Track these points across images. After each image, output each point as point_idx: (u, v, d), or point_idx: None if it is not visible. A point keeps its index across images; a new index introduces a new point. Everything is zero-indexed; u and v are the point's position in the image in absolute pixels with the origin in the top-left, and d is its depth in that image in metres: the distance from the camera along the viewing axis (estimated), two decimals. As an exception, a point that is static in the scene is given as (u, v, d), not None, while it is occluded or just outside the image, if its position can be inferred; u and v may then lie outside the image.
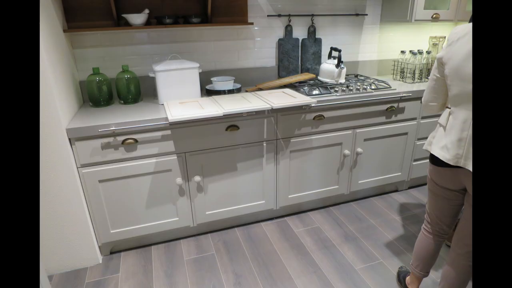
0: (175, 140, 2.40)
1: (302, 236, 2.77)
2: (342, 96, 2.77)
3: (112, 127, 2.22)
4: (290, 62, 3.23)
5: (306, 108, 2.65)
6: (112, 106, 2.64)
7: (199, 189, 2.60)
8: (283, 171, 2.81)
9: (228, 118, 2.47)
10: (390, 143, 3.11)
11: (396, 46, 3.63)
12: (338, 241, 2.70)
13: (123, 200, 2.46)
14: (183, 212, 2.63)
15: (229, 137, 2.52)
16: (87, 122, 2.23)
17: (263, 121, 2.58)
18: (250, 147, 2.62)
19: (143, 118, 2.27)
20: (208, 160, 2.53)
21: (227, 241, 2.73)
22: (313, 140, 2.79)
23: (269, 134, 2.63)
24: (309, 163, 2.87)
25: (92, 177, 2.32)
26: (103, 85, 2.59)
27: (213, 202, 2.70)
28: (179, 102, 2.51)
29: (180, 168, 2.48)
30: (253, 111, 2.47)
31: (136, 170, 2.39)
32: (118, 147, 2.29)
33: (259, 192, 2.80)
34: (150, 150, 2.37)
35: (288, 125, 2.66)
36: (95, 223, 2.46)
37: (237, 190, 2.73)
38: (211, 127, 2.46)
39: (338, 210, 3.14)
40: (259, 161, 2.69)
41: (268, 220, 3.00)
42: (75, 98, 2.51)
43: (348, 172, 3.05)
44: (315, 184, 2.98)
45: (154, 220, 2.59)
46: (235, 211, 2.79)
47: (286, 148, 2.73)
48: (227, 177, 2.64)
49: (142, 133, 2.31)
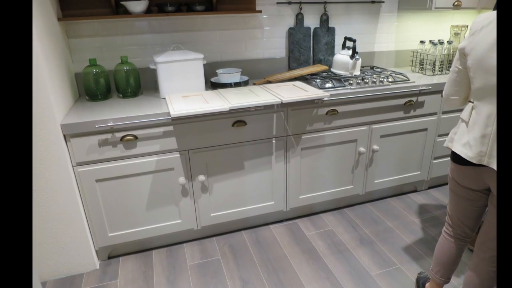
0: (178, 136, 2.39)
1: (314, 239, 2.76)
2: (357, 90, 2.75)
3: (110, 122, 2.20)
4: (301, 53, 3.22)
5: (319, 102, 2.63)
6: (110, 100, 2.63)
7: (203, 189, 2.59)
8: (294, 170, 2.79)
9: (234, 113, 2.45)
10: (409, 139, 3.09)
11: (415, 36, 3.61)
12: (353, 245, 2.69)
13: (122, 201, 2.44)
14: (186, 214, 2.62)
15: (236, 134, 2.51)
16: (83, 117, 2.22)
17: (272, 116, 2.56)
18: (258, 144, 2.60)
19: (143, 113, 2.26)
20: (213, 158, 2.52)
21: (233, 245, 2.72)
22: (325, 137, 2.77)
23: (279, 130, 2.62)
24: (321, 162, 2.86)
25: (88, 176, 2.30)
26: (101, 78, 2.58)
27: (219, 203, 2.68)
28: (182, 96, 2.50)
29: (183, 167, 2.47)
30: (262, 106, 2.45)
31: (135, 169, 2.38)
32: (117, 144, 2.28)
33: (267, 193, 2.79)
34: (150, 147, 2.36)
35: (299, 121, 2.65)
36: (92, 225, 2.45)
37: (244, 190, 2.72)
38: (217, 122, 2.44)
39: (353, 211, 3.13)
40: (267, 159, 2.68)
41: (278, 222, 2.99)
42: (70, 92, 2.51)
43: (363, 171, 3.04)
44: (328, 184, 2.97)
45: (155, 223, 2.58)
46: (242, 213, 2.77)
47: (296, 145, 2.71)
48: (233, 176, 2.63)
49: (142, 129, 2.30)
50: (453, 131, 1.80)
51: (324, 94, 2.49)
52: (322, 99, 2.61)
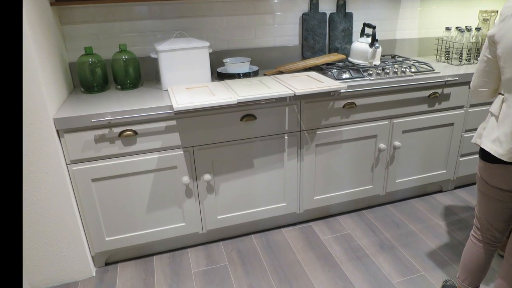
0: (181, 132, 2.39)
1: (330, 244, 2.76)
2: (377, 81, 2.74)
3: (108, 116, 2.20)
4: (316, 40, 3.20)
5: (335, 94, 2.62)
6: (108, 92, 2.64)
7: (209, 190, 2.59)
8: (308, 169, 2.78)
9: (243, 106, 2.45)
10: (433, 135, 3.07)
11: (440, 22, 3.61)
12: (372, 251, 2.69)
13: (120, 203, 2.44)
14: (191, 216, 2.62)
15: (245, 129, 2.50)
16: (78, 110, 2.22)
17: (284, 109, 2.55)
18: (269, 140, 2.60)
19: (143, 106, 2.25)
20: (219, 156, 2.52)
21: (242, 250, 2.73)
22: (343, 132, 2.76)
23: (291, 125, 2.61)
24: (338, 159, 2.85)
25: (84, 175, 2.30)
26: (97, 68, 2.58)
27: (226, 205, 2.68)
28: (186, 88, 2.51)
29: (187, 165, 2.47)
30: (273, 98, 2.45)
31: (135, 167, 2.37)
32: (115, 140, 2.28)
33: (279, 193, 2.78)
34: (152, 143, 2.35)
35: (314, 115, 2.64)
36: (88, 229, 2.45)
37: (254, 190, 2.71)
38: (224, 116, 2.44)
39: (372, 214, 3.13)
40: (279, 157, 2.67)
41: (290, 225, 2.99)
42: (64, 83, 2.51)
43: (383, 169, 3.02)
44: (345, 184, 2.96)
45: (156, 226, 2.58)
46: (251, 215, 2.77)
47: (311, 142, 2.70)
48: (242, 175, 2.63)
49: (142, 123, 2.29)
50: (482, 126, 1.79)
51: (341, 86, 2.48)
52: (339, 91, 2.61)
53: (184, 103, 2.17)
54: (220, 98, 2.25)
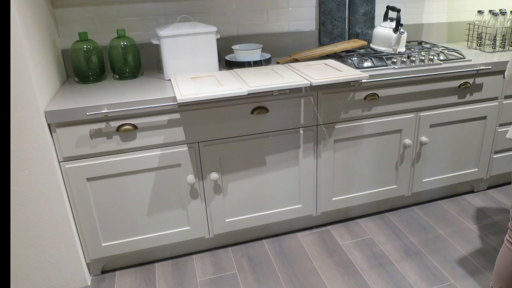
0: (186, 126, 2.39)
1: (350, 250, 2.77)
2: (401, 69, 2.74)
3: (104, 109, 2.20)
4: (334, 25, 3.20)
5: (355, 84, 2.62)
6: (104, 82, 2.65)
7: (216, 190, 2.59)
8: (326, 167, 2.78)
9: (254, 97, 2.45)
10: (464, 130, 3.07)
11: (472, 5, 3.60)
12: (397, 257, 2.69)
13: (118, 204, 2.45)
14: (196, 219, 2.62)
15: (256, 123, 2.51)
16: (72, 102, 2.22)
17: (300, 101, 2.55)
18: (282, 135, 2.60)
19: (144, 98, 2.26)
20: (228, 152, 2.52)
21: (252, 257, 2.73)
22: (364, 126, 2.76)
23: (307, 119, 2.61)
24: (359, 156, 2.85)
25: (78, 174, 2.30)
26: (93, 55, 2.58)
27: (235, 207, 2.69)
28: (191, 77, 2.51)
29: (192, 163, 2.47)
30: (287, 89, 2.44)
31: (135, 165, 2.37)
32: (112, 135, 2.28)
33: (294, 194, 2.78)
34: (153, 139, 2.36)
35: (332, 107, 2.63)
36: (82, 233, 2.45)
37: (266, 191, 2.71)
38: (232, 109, 2.43)
39: (397, 216, 3.12)
40: (294, 154, 2.67)
41: (306, 229, 3.00)
42: (56, 72, 2.51)
43: (409, 167, 3.02)
44: (367, 184, 2.96)
45: (158, 230, 2.59)
46: (263, 218, 2.78)
47: (329, 137, 2.70)
48: (253, 174, 2.63)
49: (142, 117, 2.29)
50: None
51: (362, 75, 2.47)
52: (360, 81, 2.60)
53: (189, 94, 2.18)
54: (228, 89, 2.25)
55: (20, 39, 1.98)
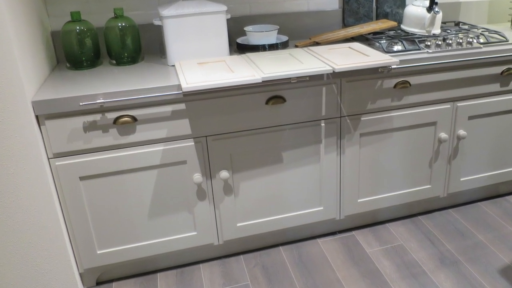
0: (192, 118, 2.38)
1: (378, 258, 2.76)
2: (436, 54, 2.70)
3: (100, 98, 2.18)
4: (360, 4, 3.20)
5: (384, 71, 2.59)
6: (100, 68, 2.64)
7: (227, 190, 2.59)
8: (350, 164, 2.77)
9: (269, 85, 2.43)
10: (508, 122, 3.05)
11: None
12: (431, 266, 2.67)
13: (115, 207, 2.45)
14: (204, 223, 2.62)
15: (271, 114, 2.50)
16: (63, 91, 2.21)
17: (321, 90, 2.53)
18: (301, 129, 2.58)
19: (144, 86, 2.24)
20: (240, 148, 2.51)
21: (267, 266, 2.74)
22: (393, 118, 2.74)
23: (330, 109, 2.60)
24: (387, 152, 2.83)
25: (70, 172, 2.29)
26: (86, 38, 2.59)
27: (248, 210, 2.69)
28: (198, 63, 2.51)
29: (199, 159, 2.47)
30: (306, 76, 2.42)
31: (134, 162, 2.37)
32: (109, 128, 2.27)
33: (315, 195, 2.78)
34: (155, 132, 2.35)
35: (357, 96, 2.62)
36: (75, 240, 2.45)
37: (283, 191, 2.71)
38: (245, 99, 2.42)
39: (431, 220, 3.11)
40: (314, 149, 2.66)
41: (329, 235, 3.00)
42: (45, 57, 2.51)
43: (445, 165, 3.00)
44: (397, 183, 2.94)
45: (160, 236, 2.59)
46: (279, 223, 2.77)
47: (354, 130, 2.69)
48: (268, 172, 2.62)
49: (143, 107, 2.29)
50: None
51: (392, 60, 2.46)
52: (389, 66, 2.58)
53: (196, 82, 2.17)
54: (240, 76, 2.24)
55: (4, 19, 1.96)
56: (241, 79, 2.21)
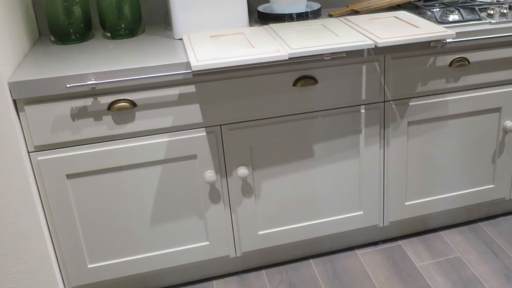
0: (204, 103, 2.34)
1: (430, 273, 2.72)
2: (501, 25, 2.63)
3: (92, 79, 2.14)
4: None
5: (437, 45, 2.53)
6: (91, 42, 2.63)
7: (246, 191, 2.55)
8: (396, 159, 2.73)
9: (297, 63, 2.37)
10: None
11: None
12: (495, 284, 2.63)
13: (110, 211, 2.42)
14: (218, 231, 2.60)
15: (300, 98, 2.45)
16: (46, 70, 2.18)
17: (360, 69, 2.49)
18: (336, 116, 2.55)
19: (145, 64, 2.20)
20: (262, 139, 2.48)
21: (295, 283, 2.72)
22: (448, 103, 2.69)
23: (371, 93, 2.55)
24: (441, 145, 2.79)
25: (55, 169, 2.26)
26: (75, 5, 2.55)
27: (271, 215, 2.66)
28: (211, 36, 2.47)
29: (213, 153, 2.44)
30: (343, 52, 2.34)
31: (133, 157, 2.34)
32: (102, 115, 2.23)
33: (353, 197, 2.75)
34: (158, 121, 2.32)
35: (405, 77, 2.57)
36: (61, 251, 2.41)
37: (314, 192, 2.67)
38: (268, 79, 2.38)
39: (494, 227, 3.07)
40: (352, 141, 2.63)
41: (370, 245, 2.97)
42: (24, 29, 2.50)
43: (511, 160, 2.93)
44: (453, 182, 2.89)
45: (165, 247, 2.57)
46: (310, 230, 2.74)
47: (401, 118, 2.65)
48: (295, 169, 2.59)
49: (144, 90, 2.25)
50: None
51: (447, 33, 2.40)
52: (443, 40, 2.52)
53: (208, 59, 2.13)
54: (262, 52, 2.19)
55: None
56: (263, 55, 2.18)
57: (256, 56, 2.17)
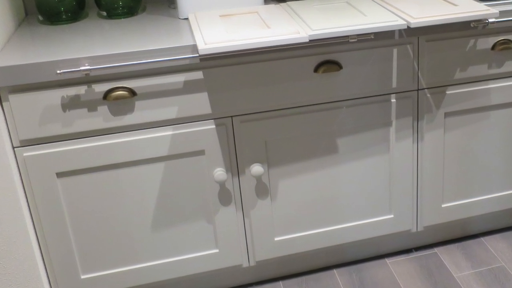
0: (213, 91, 2.32)
1: (470, 284, 2.71)
2: None
3: (85, 65, 2.11)
4: None
5: (479, 26, 2.49)
6: (85, 22, 2.62)
7: (261, 191, 2.53)
8: (431, 155, 2.70)
9: (319, 46, 2.34)
10: None
11: None
12: None
13: (106, 215, 2.40)
14: (229, 237, 2.57)
15: (322, 86, 2.42)
16: (33, 55, 2.17)
17: (391, 52, 2.46)
18: (363, 106, 2.52)
19: (146, 48, 2.19)
20: (278, 132, 2.46)
21: None
22: (491, 91, 2.65)
23: (403, 80, 2.52)
24: (483, 139, 2.75)
25: (43, 167, 2.23)
26: None
27: (289, 218, 2.63)
28: (220, 15, 2.46)
29: (223, 149, 2.42)
30: (371, 33, 2.31)
31: (132, 153, 2.32)
32: (97, 105, 2.21)
33: (382, 198, 2.73)
34: (161, 112, 2.30)
35: (442, 62, 2.54)
36: (50, 260, 2.38)
37: (338, 193, 2.65)
38: (285, 65, 2.35)
39: None
40: (382, 135, 2.60)
41: (401, 253, 2.95)
42: (9, 8, 2.49)
43: None
44: (496, 182, 2.85)
45: (169, 255, 2.54)
46: (333, 236, 2.72)
47: (437, 108, 2.61)
48: (316, 166, 2.56)
49: (144, 77, 2.23)
50: None
51: (489, 12, 2.36)
52: (485, 20, 2.47)
53: (217, 42, 2.11)
54: (279, 33, 2.17)
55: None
56: (280, 37, 2.15)
57: (272, 38, 2.14)
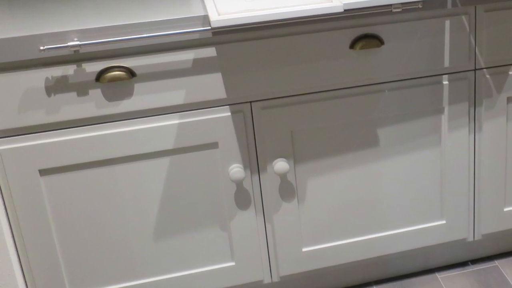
0: (227, 72, 2.27)
1: None
2: None
3: (74, 39, 2.05)
4: None
5: None
6: None
7: (285, 193, 2.47)
8: (492, 148, 2.64)
9: (355, 18, 2.29)
10: None
11: None
12: None
13: (100, 220, 2.35)
14: (247, 248, 2.52)
15: (359, 65, 2.37)
16: (12, 28, 2.17)
17: (442, 25, 2.42)
18: (409, 89, 2.47)
19: (148, 19, 2.15)
20: (307, 121, 2.41)
21: None
22: None
23: (456, 58, 2.47)
24: None
25: (23, 162, 2.20)
26: None
27: (320, 225, 2.59)
28: None
29: (240, 141, 2.36)
30: (418, 1, 2.28)
31: (131, 146, 2.28)
32: (88, 88, 2.16)
33: (431, 200, 2.67)
34: (165, 96, 2.25)
35: (504, 36, 2.48)
36: (32, 275, 2.34)
37: (378, 195, 2.60)
38: (315, 40, 2.30)
39: None
40: (432, 124, 2.55)
41: (456, 267, 2.90)
42: None
43: None
44: None
45: (175, 269, 2.49)
46: (372, 246, 2.67)
47: (498, 92, 2.54)
48: (353, 162, 2.52)
49: (145, 54, 2.18)
50: None
51: None
52: None
53: (233, 12, 2.09)
54: (307, 2, 2.15)
55: None
56: (309, 7, 2.11)
57: (299, 8, 2.08)
